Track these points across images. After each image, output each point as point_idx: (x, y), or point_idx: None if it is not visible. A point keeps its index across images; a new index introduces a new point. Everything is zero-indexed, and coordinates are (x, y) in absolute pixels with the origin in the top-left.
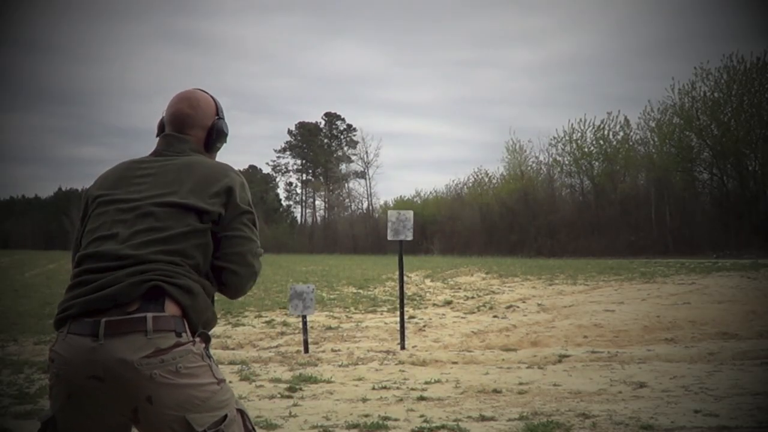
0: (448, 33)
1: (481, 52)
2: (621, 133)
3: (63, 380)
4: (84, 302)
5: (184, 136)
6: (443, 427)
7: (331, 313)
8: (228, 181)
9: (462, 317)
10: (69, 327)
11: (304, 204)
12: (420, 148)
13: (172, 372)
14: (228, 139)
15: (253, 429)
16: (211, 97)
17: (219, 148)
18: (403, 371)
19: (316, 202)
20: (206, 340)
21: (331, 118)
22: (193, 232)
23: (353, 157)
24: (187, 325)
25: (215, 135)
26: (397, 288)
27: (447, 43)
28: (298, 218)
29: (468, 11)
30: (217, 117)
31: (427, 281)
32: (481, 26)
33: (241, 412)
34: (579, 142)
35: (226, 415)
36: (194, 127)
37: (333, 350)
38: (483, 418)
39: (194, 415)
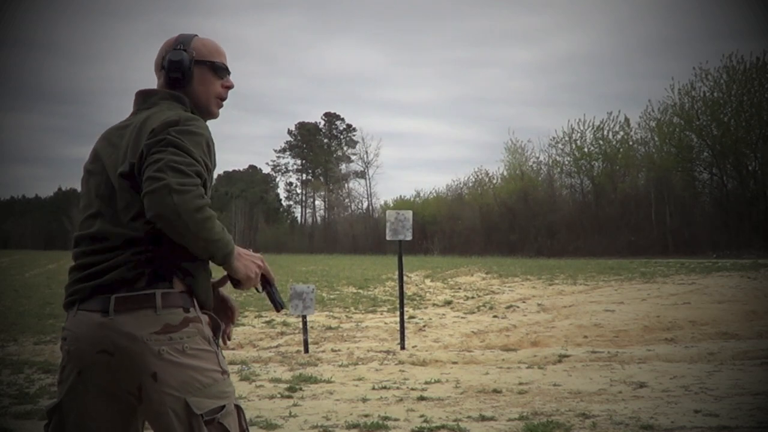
0: (448, 32)
1: (481, 51)
2: (621, 133)
3: (74, 356)
4: (92, 287)
5: (154, 88)
6: (443, 427)
7: (331, 313)
8: (150, 125)
9: (462, 317)
10: (79, 304)
11: (304, 204)
12: (420, 148)
13: (179, 351)
14: (228, 139)
15: (247, 428)
16: (183, 35)
17: (178, 79)
18: (403, 371)
19: (316, 202)
20: (216, 327)
21: (331, 118)
22: None
23: (353, 157)
24: (195, 300)
25: (167, 66)
26: (397, 288)
27: (446, 43)
28: (298, 218)
29: (467, 10)
30: (174, 48)
31: (427, 281)
32: (480, 25)
33: (238, 408)
34: (579, 142)
35: (224, 405)
36: (158, 71)
37: (333, 350)
38: (483, 418)
39: (195, 398)
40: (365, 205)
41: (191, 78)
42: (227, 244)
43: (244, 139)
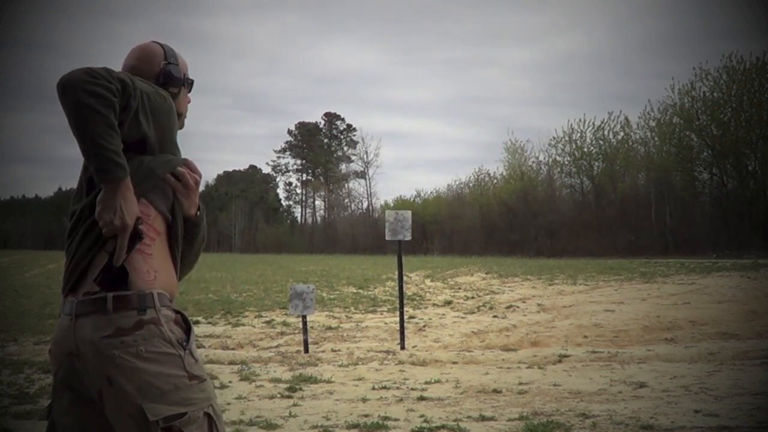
0: (448, 32)
1: (480, 51)
2: (621, 133)
3: (53, 358)
4: (65, 284)
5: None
6: (443, 427)
7: (331, 313)
8: None
9: (462, 317)
10: (62, 307)
11: (304, 204)
12: (420, 148)
13: (133, 354)
14: (228, 139)
15: None
16: (161, 45)
17: (176, 94)
18: (403, 371)
19: (316, 202)
20: (187, 329)
21: (331, 118)
22: None
23: (353, 157)
24: (156, 298)
25: (163, 80)
26: (397, 288)
27: (446, 43)
28: (298, 218)
29: (467, 10)
30: (166, 62)
31: (427, 281)
32: (480, 25)
33: (209, 417)
34: (579, 142)
35: (186, 413)
36: (144, 78)
37: (333, 350)
38: (483, 418)
39: (151, 404)
40: (365, 205)
41: (179, 94)
42: (105, 160)
43: (244, 139)
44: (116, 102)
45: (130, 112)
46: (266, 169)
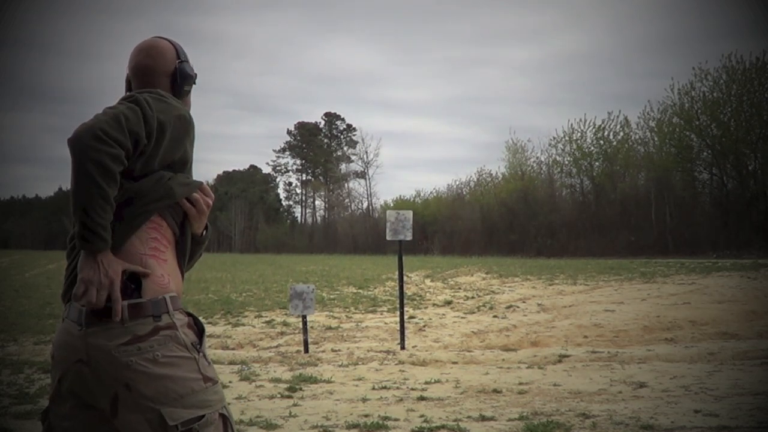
0: (447, 32)
1: (480, 50)
2: (621, 133)
3: (56, 363)
4: (67, 287)
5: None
6: (443, 427)
7: (331, 313)
8: None
9: (462, 317)
10: (67, 312)
11: (304, 204)
12: (420, 148)
13: (150, 360)
14: (228, 139)
15: None
16: (170, 41)
17: (188, 92)
18: (403, 371)
19: (316, 202)
20: (199, 332)
21: (331, 118)
22: None
23: (353, 157)
24: (170, 302)
25: (180, 79)
26: (397, 288)
27: (446, 42)
28: (298, 218)
29: (467, 10)
30: (179, 60)
31: (427, 281)
32: (479, 25)
33: (224, 418)
34: (579, 142)
35: (203, 415)
36: (157, 76)
37: (333, 350)
38: (483, 418)
39: (170, 408)
40: (365, 205)
41: (189, 91)
42: (89, 231)
43: (244, 139)
44: (117, 171)
45: (143, 157)
46: (266, 169)
